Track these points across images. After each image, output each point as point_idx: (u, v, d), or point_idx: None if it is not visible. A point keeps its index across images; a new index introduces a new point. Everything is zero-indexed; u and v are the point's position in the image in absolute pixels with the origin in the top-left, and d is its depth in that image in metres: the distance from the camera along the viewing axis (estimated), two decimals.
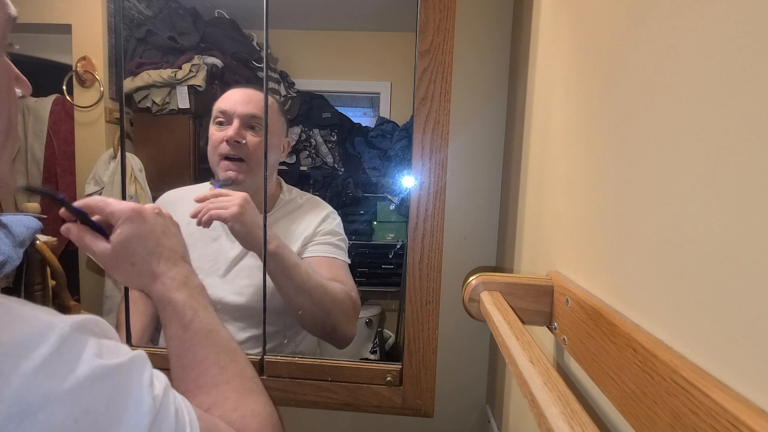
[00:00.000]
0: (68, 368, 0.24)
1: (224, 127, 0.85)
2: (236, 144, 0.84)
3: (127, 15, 1.30)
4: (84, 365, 0.25)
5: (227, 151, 0.84)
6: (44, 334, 0.24)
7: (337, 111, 1.44)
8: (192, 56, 1.31)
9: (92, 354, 0.26)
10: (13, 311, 0.25)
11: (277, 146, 0.90)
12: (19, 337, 0.23)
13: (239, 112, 0.85)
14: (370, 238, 1.42)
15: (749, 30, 0.23)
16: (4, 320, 0.24)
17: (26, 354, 0.23)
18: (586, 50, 0.47)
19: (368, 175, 1.44)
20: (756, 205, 0.22)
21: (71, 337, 0.25)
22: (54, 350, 0.24)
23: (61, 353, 0.24)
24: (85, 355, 0.25)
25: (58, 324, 0.25)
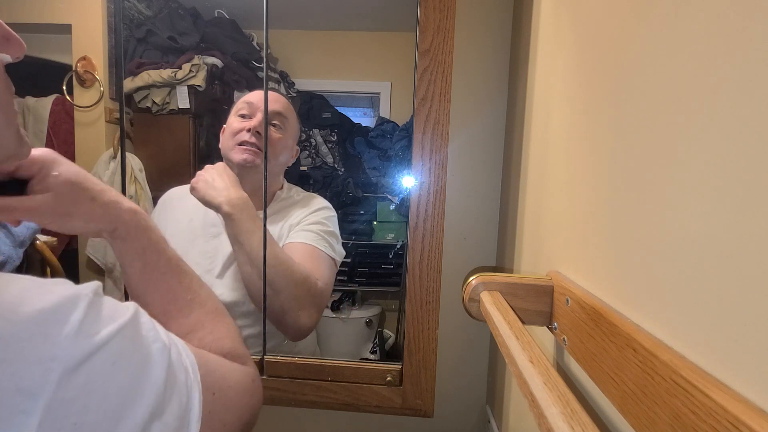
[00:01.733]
0: (98, 327, 0.29)
1: (246, 120, 0.87)
2: (258, 135, 0.85)
3: (127, 15, 1.30)
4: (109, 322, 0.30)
5: (247, 139, 0.85)
6: (74, 302, 0.29)
7: (337, 111, 1.44)
8: (192, 56, 1.31)
9: (110, 315, 0.30)
10: (39, 283, 0.29)
11: (291, 148, 0.93)
12: (54, 305, 0.27)
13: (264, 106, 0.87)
14: (370, 238, 1.42)
15: (750, 29, 0.23)
16: (37, 293, 0.28)
17: (65, 319, 0.27)
18: (586, 50, 0.47)
19: (368, 175, 1.44)
20: (756, 205, 0.22)
21: (94, 301, 0.30)
22: (85, 314, 0.28)
23: (90, 315, 0.29)
24: (107, 317, 0.30)
25: (83, 291, 0.30)
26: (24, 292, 0.27)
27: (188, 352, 0.36)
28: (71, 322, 0.27)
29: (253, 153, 0.85)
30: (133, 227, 0.44)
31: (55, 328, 0.27)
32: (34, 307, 0.26)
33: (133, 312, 0.33)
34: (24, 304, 0.26)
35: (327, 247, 0.86)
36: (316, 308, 0.80)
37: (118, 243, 0.45)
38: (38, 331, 0.26)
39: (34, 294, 0.27)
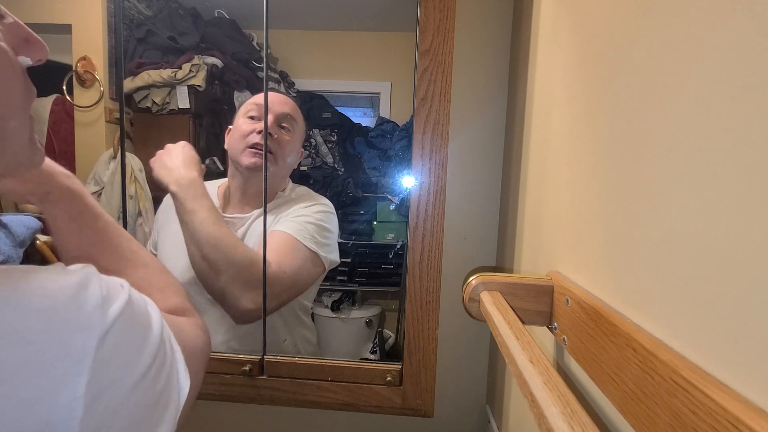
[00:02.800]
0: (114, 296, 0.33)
1: (256, 121, 0.86)
2: (269, 136, 0.85)
3: (127, 15, 1.30)
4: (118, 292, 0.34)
5: (257, 141, 0.85)
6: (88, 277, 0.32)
7: (337, 111, 1.44)
8: (192, 56, 1.31)
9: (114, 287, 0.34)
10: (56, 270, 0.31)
11: (298, 150, 0.93)
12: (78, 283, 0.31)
13: (276, 109, 0.87)
14: (370, 238, 1.42)
15: (750, 29, 0.23)
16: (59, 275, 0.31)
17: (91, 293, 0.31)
18: (586, 50, 0.47)
19: (368, 175, 1.44)
20: (756, 205, 0.22)
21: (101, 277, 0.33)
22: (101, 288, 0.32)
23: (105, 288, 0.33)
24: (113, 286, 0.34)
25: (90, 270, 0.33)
26: (48, 276, 0.30)
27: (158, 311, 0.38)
28: (95, 295, 0.31)
29: (261, 157, 0.85)
30: (67, 191, 0.45)
31: (84, 299, 0.30)
32: (62, 285, 0.30)
33: (126, 283, 0.36)
34: (53, 284, 0.30)
35: (307, 239, 0.83)
36: (256, 292, 0.77)
37: (51, 207, 0.45)
38: (72, 305, 0.29)
39: (57, 276, 0.31)
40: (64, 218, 0.45)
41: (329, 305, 1.37)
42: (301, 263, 0.82)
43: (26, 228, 0.80)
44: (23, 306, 0.27)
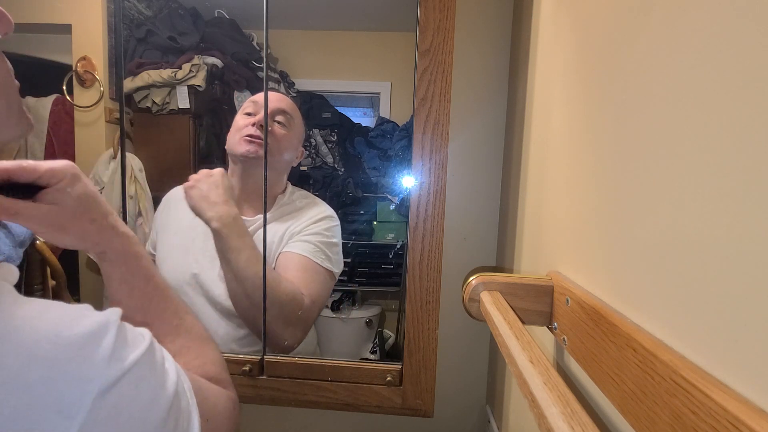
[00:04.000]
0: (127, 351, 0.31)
1: (252, 117, 0.87)
2: (262, 128, 0.85)
3: (127, 15, 1.30)
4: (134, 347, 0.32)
5: (252, 132, 0.85)
6: (107, 326, 0.31)
7: (337, 111, 1.44)
8: (192, 56, 1.31)
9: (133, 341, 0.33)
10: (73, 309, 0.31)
11: (296, 147, 0.93)
12: (90, 329, 0.30)
13: (271, 105, 0.88)
14: (370, 238, 1.42)
15: (749, 29, 0.23)
16: (74, 318, 0.30)
17: (99, 343, 0.30)
18: (586, 50, 0.47)
19: (368, 175, 1.44)
20: (756, 205, 0.22)
21: (121, 327, 0.33)
22: (115, 339, 0.31)
23: (120, 340, 0.31)
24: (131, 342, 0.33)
25: (111, 318, 0.32)
26: (62, 317, 0.29)
27: (185, 377, 0.37)
28: (105, 346, 0.30)
29: (258, 144, 0.85)
30: (122, 253, 0.45)
31: (92, 351, 0.29)
32: (73, 331, 0.29)
33: (150, 337, 0.35)
34: (64, 328, 0.29)
35: (324, 260, 0.86)
36: (302, 326, 0.81)
37: (106, 266, 0.46)
38: (78, 354, 0.28)
39: (71, 319, 0.30)
40: (116, 278, 0.46)
41: (329, 305, 1.37)
42: (322, 286, 0.85)
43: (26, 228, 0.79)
44: (30, 350, 0.27)
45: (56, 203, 0.41)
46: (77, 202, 0.42)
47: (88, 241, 0.44)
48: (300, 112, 0.95)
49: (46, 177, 0.41)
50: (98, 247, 0.44)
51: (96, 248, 0.45)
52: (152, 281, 0.47)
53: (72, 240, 0.43)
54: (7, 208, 0.39)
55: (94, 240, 0.44)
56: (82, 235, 0.43)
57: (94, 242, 0.44)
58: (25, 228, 0.80)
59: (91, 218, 0.43)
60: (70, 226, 0.42)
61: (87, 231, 0.43)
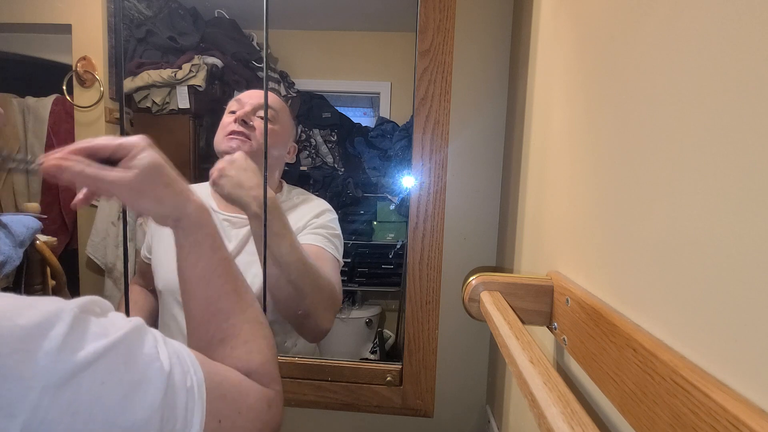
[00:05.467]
0: (83, 343, 0.28)
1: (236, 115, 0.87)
2: (244, 123, 0.85)
3: (127, 15, 1.30)
4: (97, 338, 0.29)
5: (234, 128, 0.85)
6: (59, 316, 0.28)
7: (337, 111, 1.44)
8: (192, 56, 1.31)
9: (99, 333, 0.29)
10: (22, 300, 0.28)
11: (285, 143, 0.92)
12: (35, 320, 0.27)
13: (253, 101, 0.88)
14: (370, 238, 1.42)
15: (750, 29, 0.23)
16: (18, 306, 0.27)
17: (45, 334, 0.26)
18: (586, 49, 0.47)
19: (368, 175, 1.44)
20: (756, 205, 0.22)
21: (80, 318, 0.29)
22: (69, 329, 0.27)
23: (76, 331, 0.28)
24: (94, 334, 0.29)
25: (68, 306, 0.29)
26: (6, 308, 0.26)
27: (198, 373, 0.34)
28: (51, 337, 0.26)
29: (240, 141, 0.84)
30: (195, 220, 0.45)
31: (35, 345, 0.26)
32: (16, 322, 0.26)
33: (131, 328, 0.32)
34: (5, 319, 0.26)
35: (334, 250, 0.86)
36: (335, 310, 0.81)
37: (180, 234, 0.46)
38: (19, 348, 0.25)
39: (16, 310, 0.27)
40: (186, 247, 0.45)
41: None
42: (338, 275, 0.86)
43: (26, 228, 0.80)
44: None
45: (132, 169, 0.43)
46: (150, 167, 0.43)
47: (165, 205, 0.44)
48: (287, 107, 0.94)
49: (120, 149, 0.43)
50: (175, 212, 0.45)
51: (173, 212, 0.45)
52: (218, 253, 0.46)
53: (151, 204, 0.44)
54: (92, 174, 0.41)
55: (170, 203, 0.44)
56: (159, 198, 0.44)
57: (170, 206, 0.44)
58: (25, 228, 0.80)
59: (165, 183, 0.44)
60: (146, 189, 0.43)
61: (163, 195, 0.44)
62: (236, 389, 0.39)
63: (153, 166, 0.43)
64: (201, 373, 0.35)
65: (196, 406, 0.33)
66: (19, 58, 1.28)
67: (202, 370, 0.35)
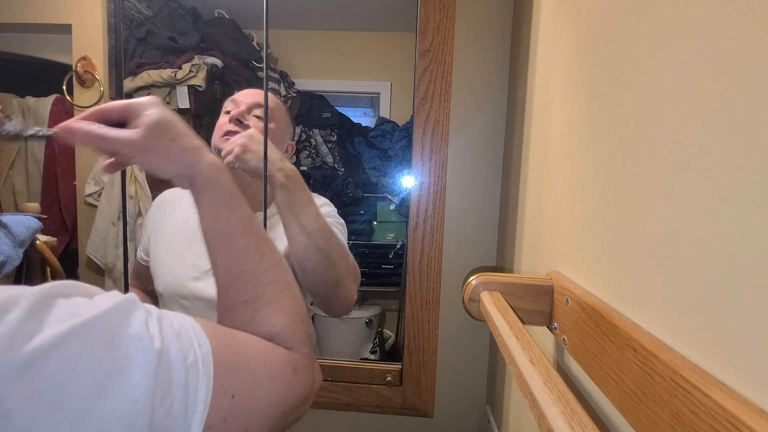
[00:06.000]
0: (43, 327, 0.25)
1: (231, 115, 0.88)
2: (238, 122, 0.85)
3: (127, 15, 1.30)
4: (61, 323, 0.26)
5: (229, 128, 0.85)
6: (15, 301, 0.25)
7: (337, 111, 1.44)
8: (192, 56, 1.31)
9: (68, 313, 0.27)
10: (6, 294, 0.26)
11: (280, 141, 0.92)
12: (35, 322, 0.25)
13: (247, 100, 0.88)
14: (370, 238, 1.42)
15: (750, 29, 0.23)
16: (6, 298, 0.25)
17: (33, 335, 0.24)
18: (586, 49, 0.47)
19: (368, 175, 1.44)
20: (756, 205, 0.22)
21: (43, 302, 0.26)
22: (26, 314, 0.25)
23: (34, 316, 0.25)
24: (59, 315, 0.26)
25: (28, 291, 0.26)
26: None
27: (203, 347, 0.32)
28: (4, 323, 0.24)
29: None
30: (209, 179, 0.44)
31: None
32: None
33: (112, 306, 0.29)
34: None
35: (342, 237, 0.87)
36: (357, 283, 0.80)
37: (195, 193, 0.44)
38: None
39: None
40: (203, 207, 0.44)
41: None
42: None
43: (26, 228, 0.80)
44: None
45: (138, 127, 0.42)
46: (156, 124, 0.42)
47: (174, 162, 0.43)
48: (284, 106, 0.94)
49: (126, 109, 0.43)
50: (185, 169, 0.43)
51: (183, 170, 0.43)
52: (237, 212, 0.44)
53: (159, 161, 0.43)
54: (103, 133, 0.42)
55: (179, 161, 0.43)
56: (167, 154, 0.43)
57: (180, 163, 0.43)
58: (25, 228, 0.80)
59: (171, 138, 0.43)
60: (153, 146, 0.42)
61: (170, 151, 0.43)
62: (255, 359, 0.36)
63: (159, 123, 0.43)
64: (208, 347, 0.32)
65: (200, 382, 0.30)
66: (19, 58, 1.28)
67: (212, 344, 0.33)
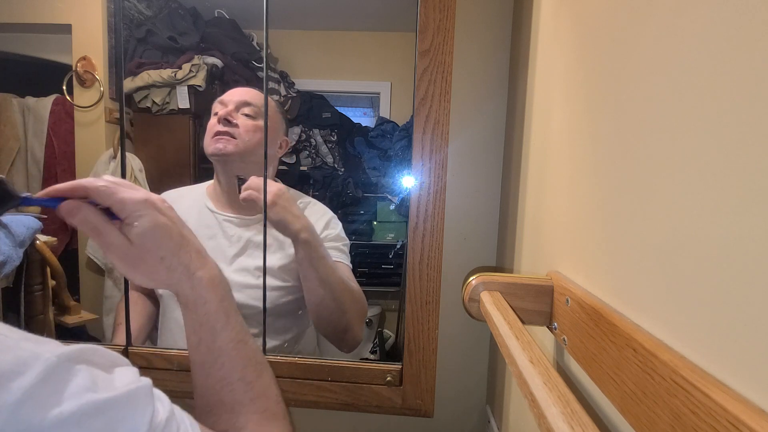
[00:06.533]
0: (54, 401, 0.23)
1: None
2: (227, 122, 0.86)
3: (127, 15, 1.30)
4: (73, 399, 0.24)
5: (219, 128, 0.86)
6: (28, 364, 0.23)
7: (337, 111, 1.44)
8: (192, 56, 1.31)
9: (83, 387, 0.25)
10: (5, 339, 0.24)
11: (272, 138, 0.92)
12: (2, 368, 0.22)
13: (234, 99, 0.89)
14: (370, 238, 1.42)
15: (750, 29, 0.23)
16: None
17: (6, 385, 0.22)
18: (586, 49, 0.47)
19: (368, 175, 1.44)
20: (756, 205, 0.22)
21: (60, 367, 0.24)
22: (38, 381, 0.23)
23: (45, 384, 0.23)
24: (74, 388, 0.24)
25: (44, 354, 0.24)
26: None
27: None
28: (13, 389, 0.22)
29: (224, 141, 0.85)
30: (194, 301, 0.40)
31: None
32: None
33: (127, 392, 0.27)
34: None
35: (348, 260, 0.91)
36: (364, 321, 0.88)
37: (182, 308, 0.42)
38: None
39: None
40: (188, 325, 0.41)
41: None
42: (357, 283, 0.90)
43: (26, 228, 0.80)
44: None
45: (127, 236, 0.38)
46: (143, 237, 0.38)
47: (157, 281, 0.40)
48: (275, 103, 0.94)
49: (116, 208, 0.38)
50: (170, 288, 0.41)
51: (168, 287, 0.40)
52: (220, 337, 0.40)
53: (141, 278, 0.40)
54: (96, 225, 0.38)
55: (163, 280, 0.40)
56: (151, 274, 0.40)
57: (163, 283, 0.40)
58: (25, 228, 0.80)
59: (160, 256, 0.39)
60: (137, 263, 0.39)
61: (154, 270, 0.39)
62: None
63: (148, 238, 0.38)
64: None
65: None
66: (19, 58, 1.28)
67: None
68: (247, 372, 0.40)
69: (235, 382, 0.39)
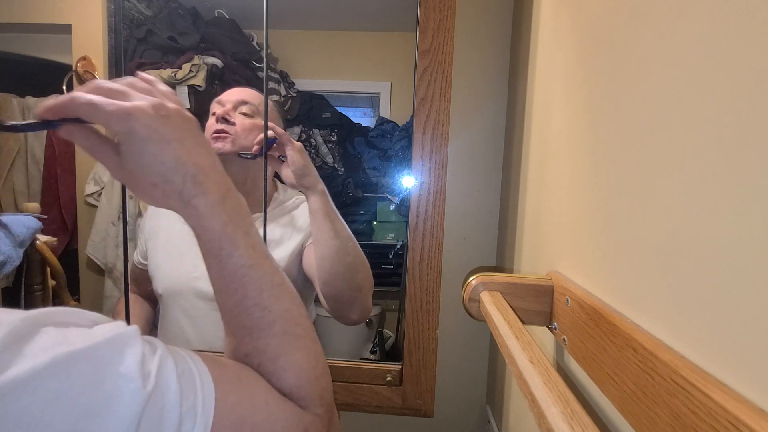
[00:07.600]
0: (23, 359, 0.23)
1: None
2: (225, 121, 0.86)
3: (127, 15, 1.30)
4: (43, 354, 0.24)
5: (217, 127, 0.86)
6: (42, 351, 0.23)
7: (337, 111, 1.44)
8: (192, 56, 1.31)
9: (53, 342, 0.25)
10: None
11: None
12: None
13: (232, 98, 0.89)
14: (370, 238, 1.42)
15: (750, 29, 0.23)
16: None
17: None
18: (586, 49, 0.47)
19: (368, 175, 1.44)
20: (756, 205, 0.22)
21: (23, 330, 0.24)
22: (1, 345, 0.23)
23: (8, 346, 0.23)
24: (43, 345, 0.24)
25: (6, 319, 0.24)
26: None
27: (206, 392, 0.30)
28: None
29: (222, 139, 0.85)
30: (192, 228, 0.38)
31: None
32: None
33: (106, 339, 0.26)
34: None
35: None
36: (371, 293, 0.81)
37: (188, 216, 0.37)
38: None
39: None
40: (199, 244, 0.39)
41: None
42: None
43: (26, 228, 0.80)
44: None
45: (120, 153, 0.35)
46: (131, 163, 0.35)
47: (160, 205, 0.37)
48: (271, 101, 0.94)
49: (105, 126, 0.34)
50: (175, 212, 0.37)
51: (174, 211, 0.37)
52: (229, 264, 0.37)
53: (146, 200, 0.37)
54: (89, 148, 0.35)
55: (163, 205, 0.37)
56: (150, 198, 0.37)
57: (165, 207, 0.37)
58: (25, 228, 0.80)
59: (152, 182, 0.35)
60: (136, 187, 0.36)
61: (152, 195, 0.36)
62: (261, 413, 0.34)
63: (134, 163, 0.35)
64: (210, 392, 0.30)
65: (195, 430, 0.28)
66: (19, 58, 1.28)
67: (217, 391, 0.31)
68: (262, 297, 0.39)
69: (251, 307, 0.38)
